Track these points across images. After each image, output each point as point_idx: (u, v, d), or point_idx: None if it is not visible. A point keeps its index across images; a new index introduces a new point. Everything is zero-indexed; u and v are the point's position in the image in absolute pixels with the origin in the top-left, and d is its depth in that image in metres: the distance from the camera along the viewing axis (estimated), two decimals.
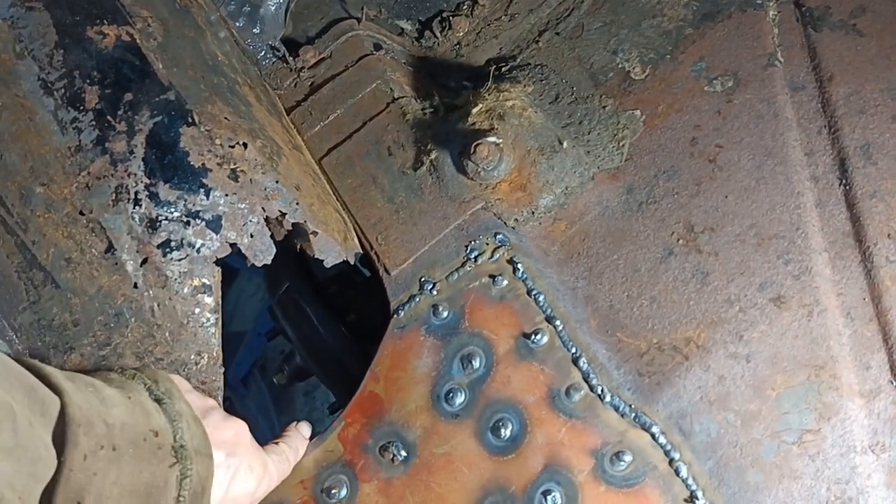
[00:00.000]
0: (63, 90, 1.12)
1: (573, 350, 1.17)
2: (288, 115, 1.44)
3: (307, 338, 1.73)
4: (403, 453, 1.19)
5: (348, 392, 1.41)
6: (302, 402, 3.52)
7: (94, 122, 1.11)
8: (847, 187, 1.18)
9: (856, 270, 1.14)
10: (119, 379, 0.99)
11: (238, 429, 1.08)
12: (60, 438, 0.80)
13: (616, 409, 1.14)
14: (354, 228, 1.35)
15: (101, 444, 0.83)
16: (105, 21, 1.16)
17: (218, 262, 1.14)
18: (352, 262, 1.31)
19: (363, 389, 1.24)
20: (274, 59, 1.51)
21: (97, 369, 1.07)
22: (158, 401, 0.97)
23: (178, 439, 0.94)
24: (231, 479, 1.04)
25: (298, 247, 1.29)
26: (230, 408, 1.15)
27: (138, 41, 1.16)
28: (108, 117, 1.11)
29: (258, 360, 3.48)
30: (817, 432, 1.07)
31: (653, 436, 1.12)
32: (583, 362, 1.16)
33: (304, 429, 1.24)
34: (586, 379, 1.15)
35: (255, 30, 1.51)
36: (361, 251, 1.34)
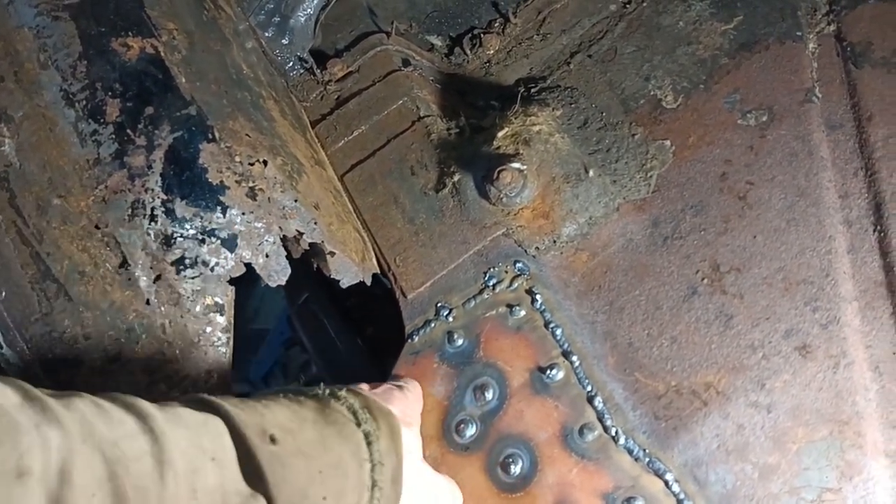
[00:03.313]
0: (84, 102, 1.11)
1: (589, 388, 1.14)
2: (313, 127, 1.43)
3: (324, 350, 1.72)
4: None
5: None
6: None
7: (113, 136, 1.10)
8: (882, 234, 1.13)
9: (886, 322, 1.09)
10: None
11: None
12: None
13: (630, 452, 1.11)
14: (373, 248, 1.33)
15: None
16: (130, 33, 1.15)
17: (232, 282, 1.13)
18: (368, 283, 1.29)
19: None
20: (301, 71, 1.50)
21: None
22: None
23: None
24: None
25: (315, 265, 1.28)
26: None
27: (162, 54, 1.15)
28: (128, 131, 1.10)
29: (280, 358, 3.49)
30: (838, 491, 1.03)
31: (666, 483, 1.08)
32: (598, 401, 1.13)
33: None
34: (601, 419, 1.12)
35: (283, 40, 1.50)
36: (379, 271, 1.32)
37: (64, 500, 0.62)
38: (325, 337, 1.73)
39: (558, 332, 1.18)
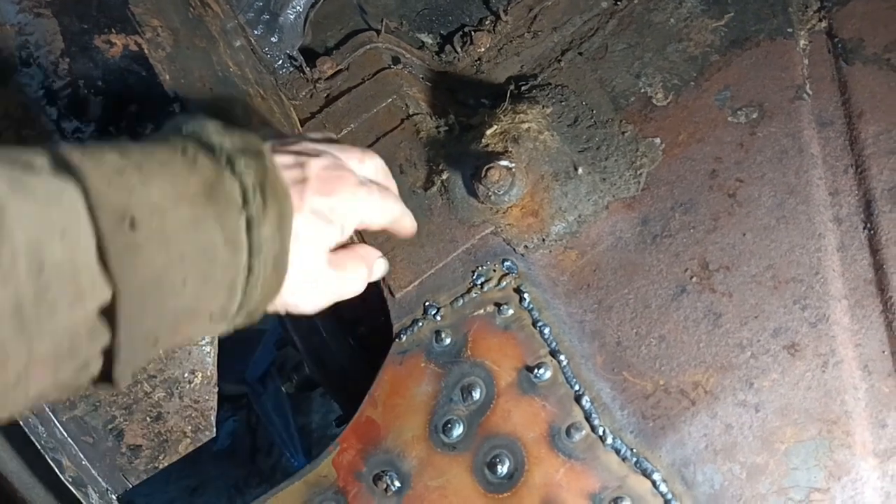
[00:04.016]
0: (67, 99, 1.10)
1: (576, 387, 1.13)
2: (302, 126, 1.42)
3: (315, 349, 1.70)
4: (397, 484, 1.16)
5: (354, 407, 1.38)
6: (319, 403, 3.51)
7: (96, 133, 1.09)
8: (871, 231, 1.12)
9: (876, 321, 1.08)
10: None
11: None
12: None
13: (617, 452, 1.09)
14: None
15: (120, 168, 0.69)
16: (113, 30, 1.14)
17: None
18: None
19: (360, 414, 1.21)
20: (291, 69, 1.49)
21: None
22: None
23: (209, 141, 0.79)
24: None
25: None
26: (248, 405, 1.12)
27: (146, 51, 1.15)
28: (111, 129, 1.10)
29: (276, 358, 3.48)
30: (826, 491, 1.02)
31: (654, 483, 1.07)
32: (585, 401, 1.12)
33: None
34: (588, 419, 1.11)
35: (273, 38, 1.49)
36: None
37: None
38: (316, 336, 1.71)
39: (546, 330, 1.17)
